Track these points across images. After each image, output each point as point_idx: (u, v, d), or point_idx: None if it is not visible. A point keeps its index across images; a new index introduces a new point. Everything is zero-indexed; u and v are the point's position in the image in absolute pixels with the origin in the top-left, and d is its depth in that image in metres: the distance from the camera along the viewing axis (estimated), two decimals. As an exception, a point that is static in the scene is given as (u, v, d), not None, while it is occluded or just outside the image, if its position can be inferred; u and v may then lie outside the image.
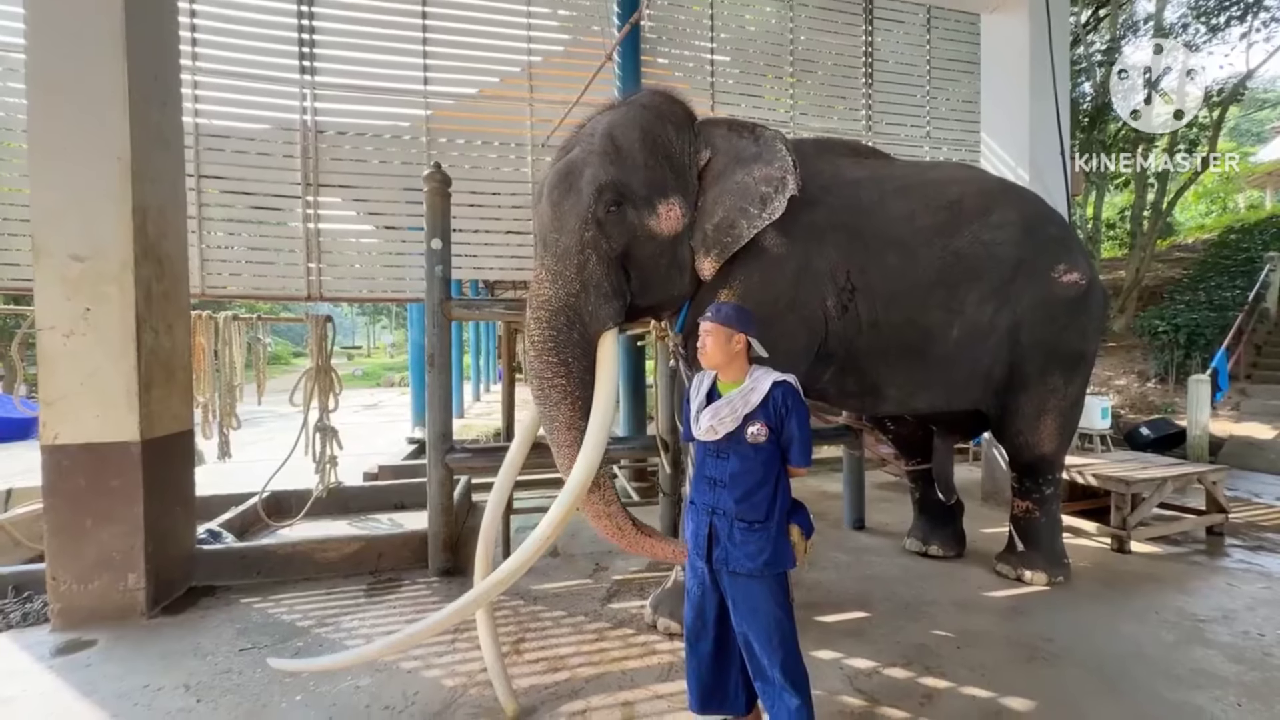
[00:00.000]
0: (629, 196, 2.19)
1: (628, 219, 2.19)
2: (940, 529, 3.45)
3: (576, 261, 2.14)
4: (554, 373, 2.08)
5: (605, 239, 2.17)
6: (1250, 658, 2.33)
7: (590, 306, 2.14)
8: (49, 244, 2.64)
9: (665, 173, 2.28)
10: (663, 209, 2.24)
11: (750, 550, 1.65)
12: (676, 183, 2.31)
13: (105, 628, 2.61)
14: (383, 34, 4.73)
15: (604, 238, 2.17)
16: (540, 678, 2.23)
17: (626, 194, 2.18)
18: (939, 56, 5.94)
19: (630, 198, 2.19)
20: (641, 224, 2.22)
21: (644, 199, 2.22)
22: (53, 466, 2.66)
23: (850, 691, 2.11)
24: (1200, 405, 6.24)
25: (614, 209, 2.17)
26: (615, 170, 2.18)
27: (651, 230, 2.23)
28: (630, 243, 2.22)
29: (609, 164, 2.19)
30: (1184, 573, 3.23)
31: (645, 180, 2.22)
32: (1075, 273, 2.80)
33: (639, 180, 2.21)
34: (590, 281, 2.15)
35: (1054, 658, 2.34)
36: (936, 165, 3.21)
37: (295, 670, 2.19)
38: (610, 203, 2.16)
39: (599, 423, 2.02)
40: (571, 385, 2.08)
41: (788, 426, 1.67)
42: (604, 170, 2.17)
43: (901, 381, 2.78)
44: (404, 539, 3.36)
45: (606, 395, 2.07)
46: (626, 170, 2.20)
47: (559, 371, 2.08)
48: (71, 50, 2.65)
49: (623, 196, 2.18)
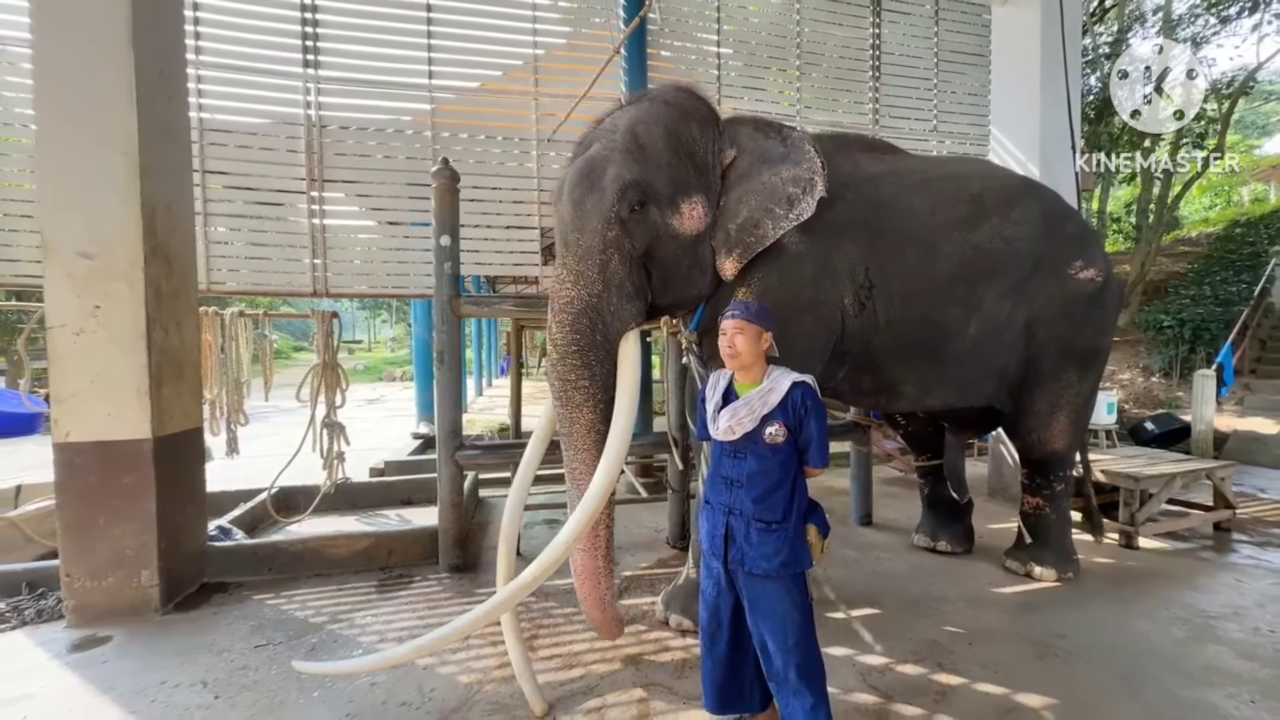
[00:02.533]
0: (653, 196, 2.15)
1: (651, 219, 2.16)
2: (949, 525, 3.46)
3: (599, 262, 2.10)
4: (577, 375, 2.05)
5: (629, 239, 2.13)
6: (1262, 655, 2.34)
7: (613, 307, 2.11)
8: (57, 241, 2.62)
9: (689, 171, 2.25)
10: (686, 208, 2.21)
11: (767, 551, 1.65)
12: (700, 181, 2.27)
13: (119, 624, 2.63)
14: (387, 26, 4.68)
15: (627, 237, 2.13)
16: (556, 674, 2.24)
17: (650, 193, 2.14)
18: (947, 49, 5.87)
19: (654, 197, 2.16)
20: (665, 223, 2.18)
21: (668, 198, 2.18)
22: (65, 464, 2.66)
23: (864, 688, 2.12)
24: (1205, 400, 6.24)
25: (638, 209, 2.12)
26: (639, 169, 2.14)
27: (674, 230, 2.20)
28: (653, 242, 2.19)
29: (632, 162, 2.15)
30: (1193, 569, 3.24)
31: (669, 179, 2.19)
32: (1092, 269, 2.79)
33: (663, 179, 2.18)
34: (613, 282, 2.11)
35: (1066, 654, 2.35)
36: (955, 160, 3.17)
37: (321, 673, 2.18)
38: (635, 202, 2.12)
39: (621, 428, 1.99)
40: (595, 389, 2.06)
41: (806, 428, 1.67)
42: (627, 169, 2.12)
43: (917, 379, 2.77)
44: (414, 535, 3.37)
45: (629, 400, 2.04)
46: (650, 169, 2.16)
47: (582, 375, 2.05)
48: (78, 43, 2.63)
49: (647, 196, 2.14)
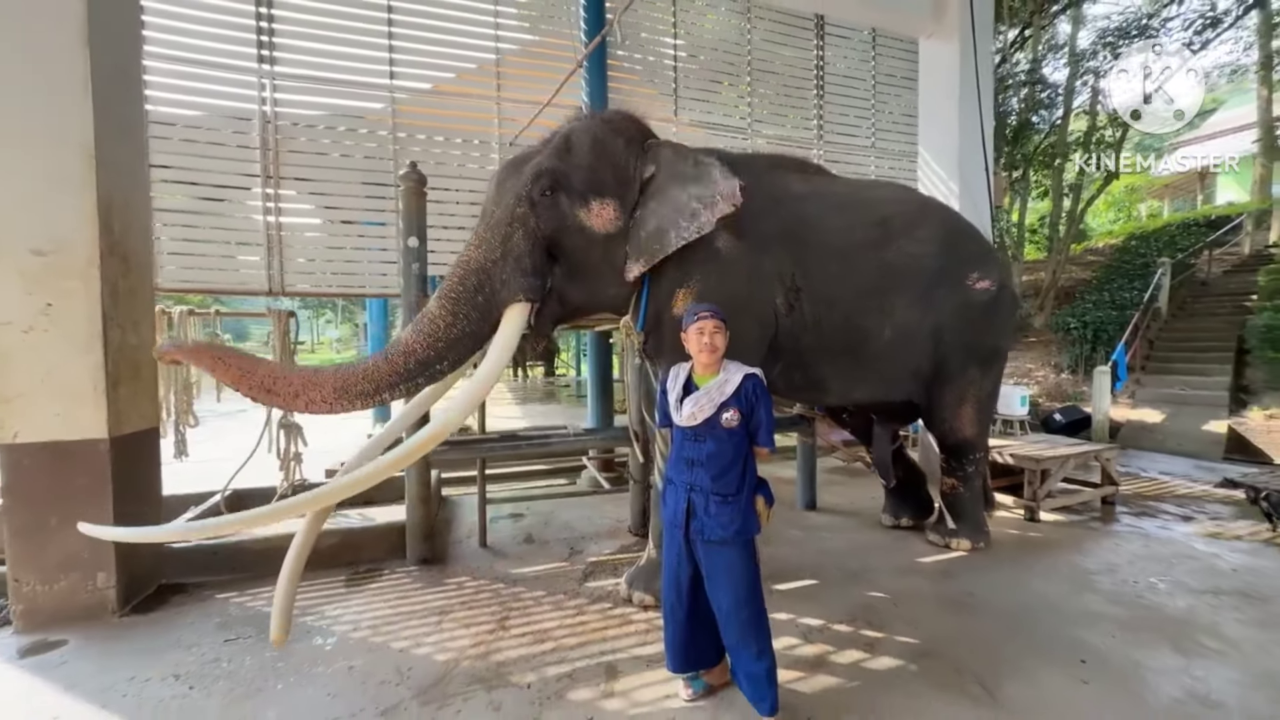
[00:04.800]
0: (565, 187, 2.47)
1: (560, 207, 2.47)
2: (907, 503, 3.87)
3: (504, 232, 2.39)
4: (443, 320, 2.27)
5: (535, 218, 2.43)
6: (1126, 600, 2.81)
7: (504, 275, 2.35)
8: (7, 237, 2.55)
9: (607, 177, 2.55)
10: (596, 206, 2.50)
11: (724, 520, 1.89)
12: (617, 189, 2.57)
13: (74, 628, 2.58)
14: (346, 26, 4.67)
15: (534, 217, 2.42)
16: (527, 649, 2.40)
17: (563, 184, 2.47)
18: (883, 72, 6.39)
19: (566, 189, 2.48)
20: (573, 214, 2.49)
21: (579, 193, 2.49)
22: (12, 465, 2.59)
23: (805, 644, 2.41)
24: (1102, 394, 7.06)
25: (548, 194, 2.45)
26: (558, 163, 2.49)
27: (581, 222, 2.50)
28: (560, 230, 2.48)
29: (554, 157, 2.50)
30: (1081, 536, 3.76)
31: (586, 179, 2.51)
32: (987, 280, 3.22)
33: (580, 177, 2.50)
34: (512, 253, 2.37)
35: (974, 609, 2.73)
36: (873, 184, 3.58)
37: (106, 537, 2.16)
38: (546, 187, 2.44)
39: (483, 377, 2.27)
40: (454, 335, 2.27)
41: (757, 413, 1.92)
42: (548, 160, 2.49)
43: (842, 376, 3.11)
44: (381, 531, 3.43)
45: (495, 361, 2.29)
46: (570, 166, 2.50)
47: (448, 321, 2.27)
48: (32, 37, 2.57)
49: (559, 185, 2.46)
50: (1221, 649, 2.39)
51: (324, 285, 4.97)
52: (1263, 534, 3.76)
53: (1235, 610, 2.72)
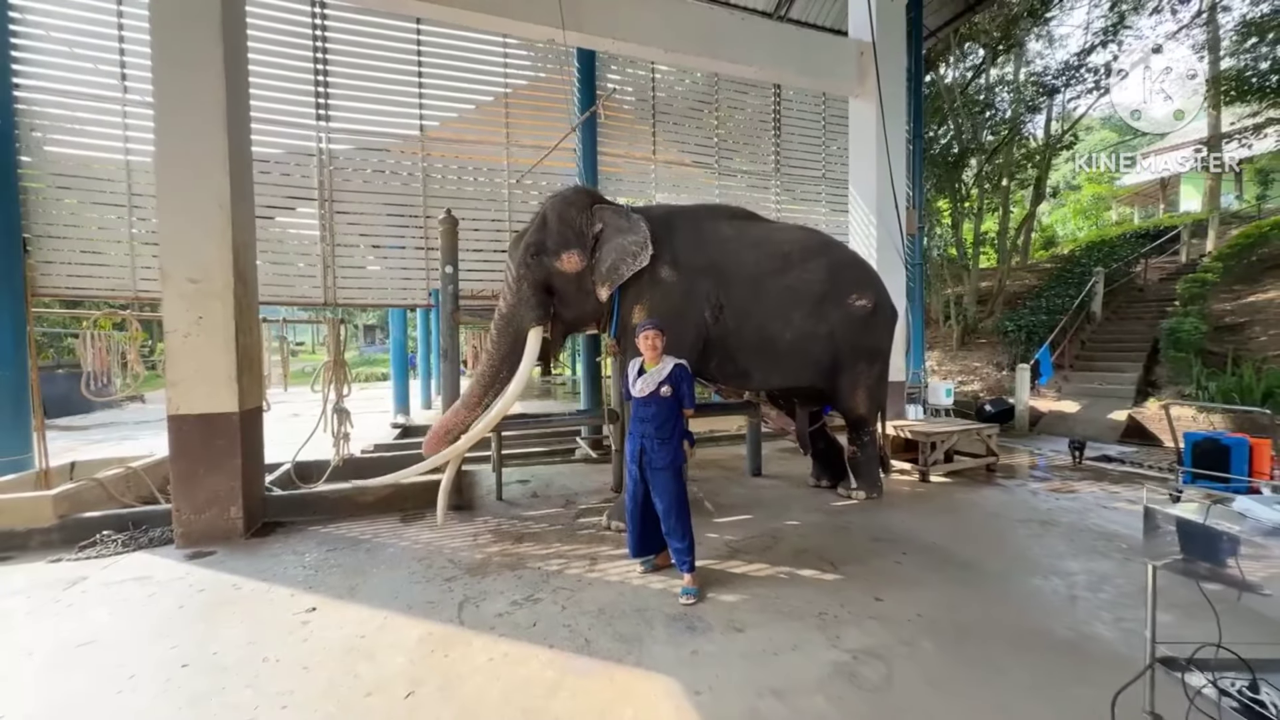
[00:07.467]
0: (544, 250, 3.86)
1: (544, 263, 3.86)
2: (828, 468, 4.99)
3: (516, 287, 3.86)
4: (495, 348, 3.92)
5: (531, 274, 3.84)
6: (961, 526, 3.95)
7: (522, 312, 3.85)
8: (173, 271, 3.66)
9: (570, 236, 3.87)
10: (565, 256, 3.83)
11: (663, 455, 3.02)
12: (577, 242, 3.88)
13: (217, 544, 3.69)
14: (385, 89, 5.81)
15: (530, 273, 3.84)
16: (538, 552, 3.53)
17: (542, 249, 3.86)
18: (831, 116, 7.59)
19: (545, 251, 3.86)
20: (553, 265, 3.85)
21: (553, 251, 3.85)
22: (176, 430, 3.69)
23: (725, 549, 3.54)
24: (1023, 387, 8.22)
25: (534, 256, 3.84)
26: (539, 236, 3.88)
27: (559, 269, 3.85)
28: (549, 276, 3.86)
29: (536, 232, 3.91)
30: (956, 490, 4.91)
31: (556, 240, 3.85)
32: (864, 300, 4.36)
33: (552, 240, 3.85)
34: (524, 298, 3.84)
35: (848, 530, 3.87)
36: (785, 228, 4.62)
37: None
38: (533, 253, 3.85)
39: (518, 378, 3.75)
40: (500, 355, 3.92)
41: (680, 387, 3.06)
42: (532, 236, 3.91)
43: (760, 368, 4.27)
44: (425, 485, 4.54)
45: (524, 368, 3.76)
46: (544, 235, 3.87)
47: (499, 348, 3.92)
48: (189, 123, 3.68)
49: (541, 250, 3.85)
50: (1003, 546, 3.54)
51: (361, 298, 6.10)
52: (1088, 488, 4.92)
53: (1026, 528, 3.89)
